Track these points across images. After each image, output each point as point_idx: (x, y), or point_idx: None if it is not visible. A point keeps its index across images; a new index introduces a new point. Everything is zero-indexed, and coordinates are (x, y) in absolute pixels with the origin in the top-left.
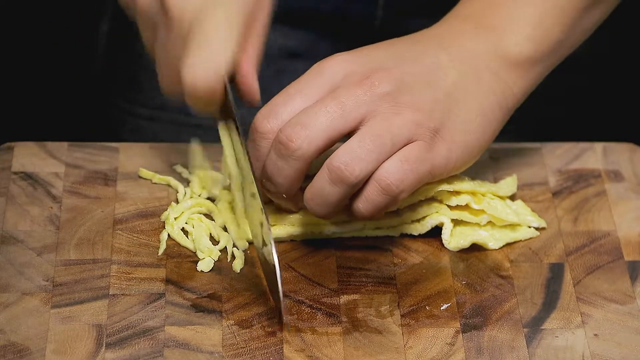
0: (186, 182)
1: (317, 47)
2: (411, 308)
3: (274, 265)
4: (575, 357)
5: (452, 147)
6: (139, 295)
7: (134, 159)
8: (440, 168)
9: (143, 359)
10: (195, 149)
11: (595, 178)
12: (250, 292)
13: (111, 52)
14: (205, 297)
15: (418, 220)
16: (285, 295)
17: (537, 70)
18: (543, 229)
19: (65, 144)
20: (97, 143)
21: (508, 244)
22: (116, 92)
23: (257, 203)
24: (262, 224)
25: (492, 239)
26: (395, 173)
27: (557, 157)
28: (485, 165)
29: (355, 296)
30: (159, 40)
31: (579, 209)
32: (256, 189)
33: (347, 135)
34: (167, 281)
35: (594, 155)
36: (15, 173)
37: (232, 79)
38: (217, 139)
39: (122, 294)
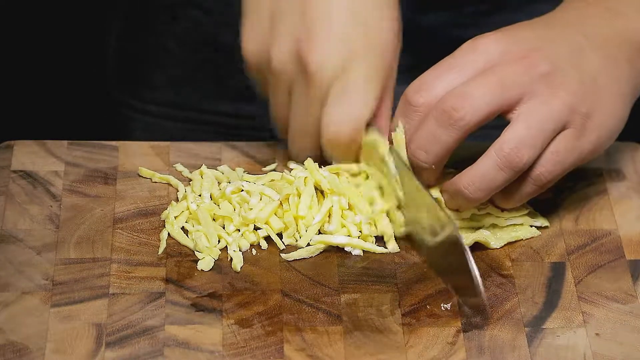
0: (187, 181)
1: None
2: (412, 307)
3: (466, 256)
4: (576, 356)
5: (601, 133)
6: (139, 294)
7: (134, 157)
8: (586, 155)
9: (143, 358)
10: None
11: (597, 177)
12: (250, 291)
13: (122, 50)
14: (205, 296)
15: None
16: (285, 295)
17: None
18: (545, 227)
19: (65, 143)
20: (97, 142)
21: (509, 243)
22: (126, 91)
23: (424, 195)
24: (436, 213)
25: (494, 238)
26: (545, 164)
27: None
28: None
29: (356, 295)
30: (294, 100)
31: (580, 208)
32: (418, 182)
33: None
34: (167, 280)
35: None
36: (15, 172)
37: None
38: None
39: (122, 293)
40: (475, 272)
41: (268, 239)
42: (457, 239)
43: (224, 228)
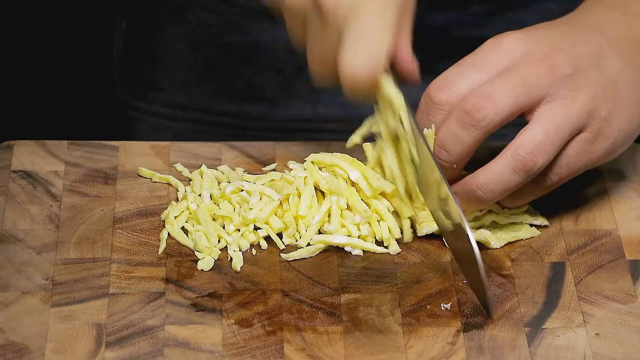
0: (187, 181)
1: None
2: (412, 307)
3: (475, 255)
4: (576, 356)
5: (617, 139)
6: (139, 294)
7: (134, 157)
8: (597, 159)
9: (143, 358)
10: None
11: (597, 177)
12: (250, 291)
13: (126, 51)
14: (205, 296)
15: (413, 227)
16: (285, 295)
17: None
18: (545, 227)
19: (65, 143)
20: (97, 142)
21: (509, 243)
22: (131, 92)
23: (444, 189)
24: (454, 211)
25: (494, 238)
26: (555, 167)
27: None
28: None
29: (356, 295)
30: (310, 34)
31: (580, 208)
32: (439, 173)
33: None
34: (167, 280)
35: None
36: (15, 172)
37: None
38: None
39: (122, 293)
40: (479, 258)
41: (268, 238)
42: (461, 221)
43: (224, 228)
